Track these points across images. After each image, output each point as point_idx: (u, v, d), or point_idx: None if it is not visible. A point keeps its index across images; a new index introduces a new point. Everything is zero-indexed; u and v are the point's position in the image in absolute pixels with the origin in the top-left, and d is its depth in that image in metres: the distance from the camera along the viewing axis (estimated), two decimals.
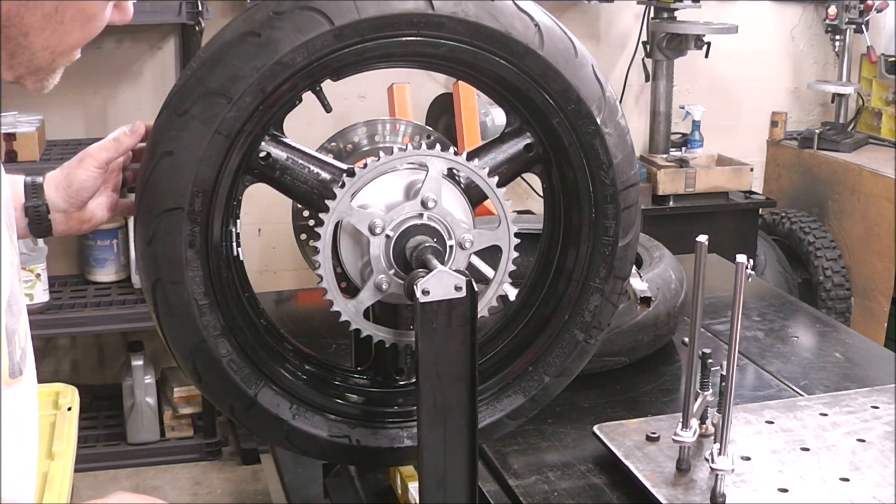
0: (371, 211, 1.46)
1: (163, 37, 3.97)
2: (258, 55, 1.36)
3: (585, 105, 1.50)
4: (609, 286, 1.60)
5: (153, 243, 1.40)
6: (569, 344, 1.62)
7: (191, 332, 1.45)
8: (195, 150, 1.37)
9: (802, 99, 4.93)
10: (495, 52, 1.45)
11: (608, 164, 1.54)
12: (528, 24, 1.45)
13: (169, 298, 1.43)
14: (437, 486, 1.42)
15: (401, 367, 1.63)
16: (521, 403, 1.63)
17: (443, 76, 3.78)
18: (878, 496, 1.60)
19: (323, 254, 1.46)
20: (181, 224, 1.39)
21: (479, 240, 1.50)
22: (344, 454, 1.60)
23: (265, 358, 1.54)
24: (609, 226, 1.57)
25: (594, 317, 1.61)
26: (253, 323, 1.55)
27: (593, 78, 1.51)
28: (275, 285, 3.93)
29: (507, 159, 1.58)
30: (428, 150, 1.47)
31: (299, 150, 1.51)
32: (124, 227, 3.82)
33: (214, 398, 1.54)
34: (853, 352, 2.40)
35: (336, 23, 1.37)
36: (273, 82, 1.38)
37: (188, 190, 1.38)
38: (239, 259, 1.54)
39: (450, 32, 1.42)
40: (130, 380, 3.80)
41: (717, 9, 4.57)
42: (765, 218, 4.61)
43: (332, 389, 1.61)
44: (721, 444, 1.57)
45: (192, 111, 1.37)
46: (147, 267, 1.43)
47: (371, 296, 1.48)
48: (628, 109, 4.50)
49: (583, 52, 1.50)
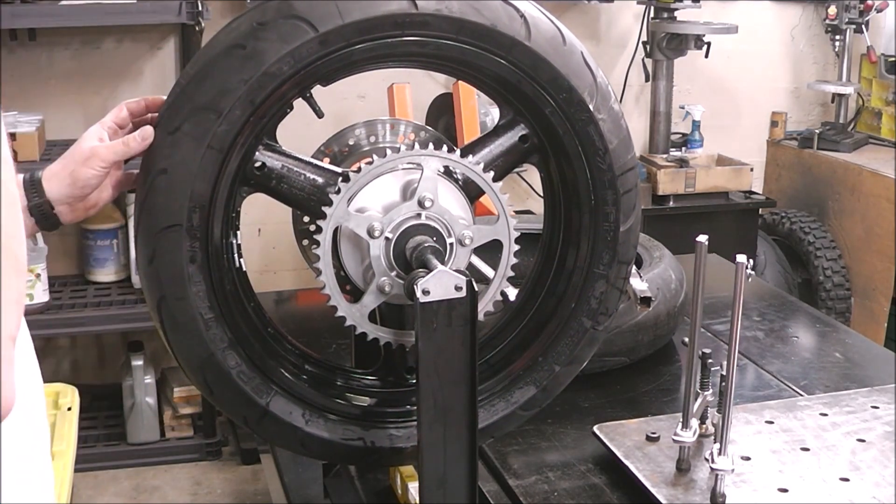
0: (369, 214, 1.46)
1: (163, 37, 3.97)
2: (245, 67, 1.36)
3: (577, 92, 1.50)
4: (613, 272, 1.60)
5: (154, 261, 1.41)
6: (577, 332, 1.62)
7: (198, 347, 1.45)
8: (189, 167, 1.37)
9: (802, 99, 4.93)
10: (482, 46, 1.45)
11: (604, 149, 1.53)
12: (514, 16, 1.45)
13: (174, 315, 1.43)
14: (437, 486, 1.42)
15: (411, 365, 1.63)
16: (534, 394, 1.63)
17: (443, 76, 3.78)
18: (878, 496, 1.60)
19: (324, 260, 1.46)
20: (181, 241, 1.40)
21: (478, 235, 1.50)
22: (359, 456, 1.61)
23: (274, 367, 1.54)
24: (609, 211, 1.57)
25: (600, 303, 1.61)
26: (259, 333, 1.56)
27: (583, 65, 1.50)
28: (275, 285, 3.93)
29: (503, 152, 1.58)
30: (421, 149, 1.47)
31: (294, 158, 1.51)
32: (124, 226, 3.82)
33: (228, 410, 1.55)
34: (853, 352, 2.40)
35: (320, 29, 1.37)
36: (262, 93, 1.38)
37: (185, 206, 1.38)
38: (242, 270, 1.54)
39: (435, 30, 1.42)
40: (130, 380, 3.80)
41: (717, 9, 4.57)
42: (765, 218, 4.61)
43: (344, 393, 1.61)
44: (721, 444, 1.57)
45: (184, 128, 1.37)
46: (151, 285, 1.43)
47: (374, 299, 1.48)
48: (628, 109, 4.50)
49: (571, 39, 1.50)
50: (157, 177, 1.38)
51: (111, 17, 3.49)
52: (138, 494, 3.68)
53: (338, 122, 2.13)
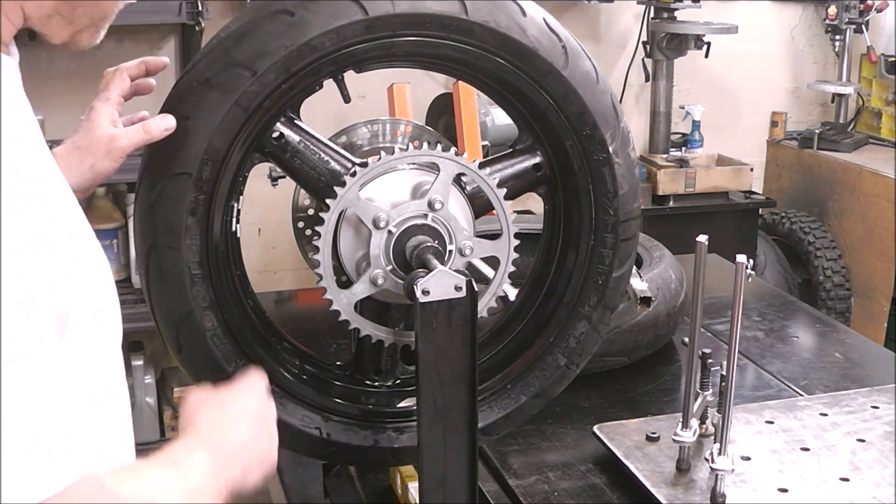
0: (377, 204, 1.46)
1: (163, 37, 3.96)
2: (288, 34, 1.36)
3: (600, 131, 1.51)
4: (597, 315, 1.61)
5: (155, 206, 1.40)
6: (550, 367, 1.63)
7: (179, 302, 1.44)
8: (212, 119, 1.38)
9: (802, 99, 4.93)
10: (520, 66, 1.46)
11: (614, 193, 1.55)
12: (556, 44, 1.47)
13: (162, 264, 1.42)
14: (437, 486, 1.42)
15: (380, 367, 1.63)
16: (496, 420, 1.64)
17: (443, 76, 3.78)
18: (878, 496, 1.60)
19: (324, 240, 1.46)
20: (186, 190, 1.39)
21: (479, 249, 1.51)
22: (313, 446, 1.60)
23: (249, 338, 1.54)
24: (606, 255, 1.58)
25: (579, 343, 1.62)
26: (241, 302, 1.55)
27: (611, 107, 1.53)
28: (275, 285, 3.93)
29: (515, 174, 1.59)
30: (442, 151, 1.47)
31: (313, 136, 1.51)
32: (124, 226, 3.81)
33: (191, 371, 1.52)
34: (853, 352, 2.40)
35: (370, 13, 1.38)
36: (299, 63, 1.38)
37: (199, 157, 1.38)
38: (236, 236, 1.54)
39: (478, 40, 1.43)
40: (130, 380, 3.80)
41: (717, 9, 4.57)
42: (765, 218, 4.61)
43: (311, 380, 1.61)
44: (721, 444, 1.57)
45: (214, 80, 1.37)
46: (145, 230, 1.42)
47: (365, 289, 1.48)
48: (628, 109, 4.50)
49: (604, 80, 1.52)
50: (178, 122, 1.38)
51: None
52: None
53: (338, 122, 2.13)
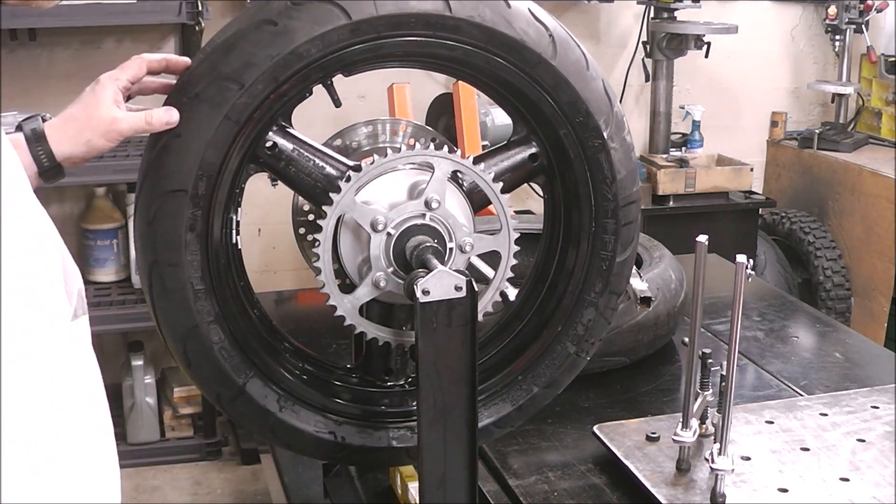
0: (374, 207, 1.46)
1: (163, 37, 3.96)
2: (273, 44, 1.37)
3: (594, 118, 1.51)
4: (604, 301, 1.61)
5: (154, 224, 1.41)
6: (560, 356, 1.63)
7: (184, 317, 1.45)
8: (204, 134, 1.38)
9: (802, 99, 4.93)
10: (509, 59, 1.46)
11: (612, 178, 1.54)
12: (543, 34, 1.46)
13: (165, 281, 1.43)
14: (437, 486, 1.42)
15: (391, 367, 1.63)
16: (508, 412, 1.64)
17: (443, 76, 3.78)
18: (878, 496, 1.60)
19: (323, 246, 1.46)
20: (183, 206, 1.40)
21: (479, 244, 1.51)
22: (328, 451, 1.60)
23: (256, 348, 1.54)
24: (608, 241, 1.58)
25: (587, 330, 1.62)
26: (246, 313, 1.55)
27: (603, 92, 1.52)
28: (275, 285, 3.93)
29: (511, 167, 1.59)
30: (435, 150, 1.47)
31: (306, 143, 1.52)
32: (124, 226, 3.82)
33: (202, 385, 1.53)
34: (853, 352, 2.40)
35: (353, 17, 1.38)
36: (286, 72, 1.38)
37: (193, 173, 1.38)
38: (237, 248, 1.54)
39: (465, 36, 1.43)
40: (130, 380, 3.80)
41: (717, 9, 4.57)
42: (765, 218, 4.61)
43: (321, 385, 1.61)
44: (721, 444, 1.57)
45: (203, 94, 1.37)
46: (145, 248, 1.43)
47: (368, 292, 1.48)
48: (628, 109, 4.50)
49: (594, 66, 1.52)
50: (169, 139, 1.38)
51: (111, 17, 3.49)
52: (138, 494, 3.68)
53: (338, 122, 2.13)
